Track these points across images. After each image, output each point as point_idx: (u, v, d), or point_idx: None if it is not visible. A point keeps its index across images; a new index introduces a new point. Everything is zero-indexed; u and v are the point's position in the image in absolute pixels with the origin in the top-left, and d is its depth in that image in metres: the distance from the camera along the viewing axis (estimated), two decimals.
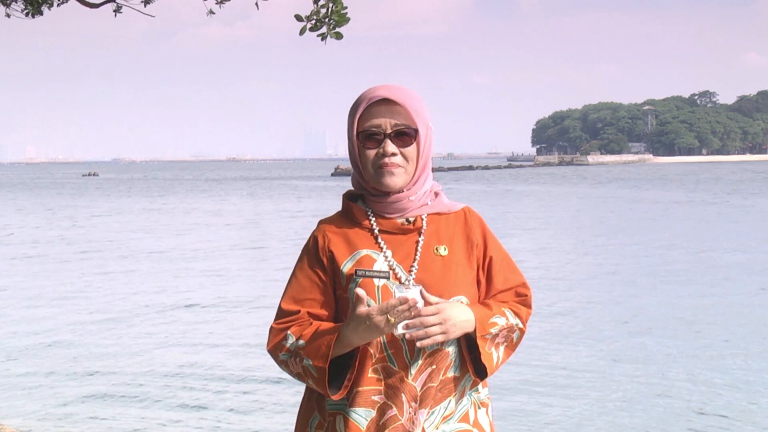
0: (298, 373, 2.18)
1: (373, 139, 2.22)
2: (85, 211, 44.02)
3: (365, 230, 2.25)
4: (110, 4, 6.50)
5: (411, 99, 2.25)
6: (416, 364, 2.16)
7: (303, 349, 2.15)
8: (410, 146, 2.23)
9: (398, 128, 2.22)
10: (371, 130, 2.22)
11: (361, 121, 2.23)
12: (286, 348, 2.18)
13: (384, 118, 2.22)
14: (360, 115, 2.24)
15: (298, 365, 2.16)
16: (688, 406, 8.95)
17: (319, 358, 2.12)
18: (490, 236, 2.33)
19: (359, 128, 2.24)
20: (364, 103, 2.23)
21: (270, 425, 8.47)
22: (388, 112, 2.22)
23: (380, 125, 2.22)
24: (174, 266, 21.06)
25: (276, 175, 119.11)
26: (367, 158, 2.23)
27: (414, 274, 2.20)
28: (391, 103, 2.22)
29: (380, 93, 2.23)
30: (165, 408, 9.04)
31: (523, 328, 2.30)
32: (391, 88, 2.25)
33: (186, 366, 10.80)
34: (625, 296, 15.59)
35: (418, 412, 2.16)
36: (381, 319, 2.03)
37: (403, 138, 2.22)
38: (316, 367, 2.12)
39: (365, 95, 2.25)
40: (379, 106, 2.23)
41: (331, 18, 4.73)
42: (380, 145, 2.22)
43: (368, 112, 2.23)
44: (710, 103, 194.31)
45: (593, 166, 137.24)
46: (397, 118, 2.22)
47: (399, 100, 2.22)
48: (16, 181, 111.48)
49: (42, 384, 10.06)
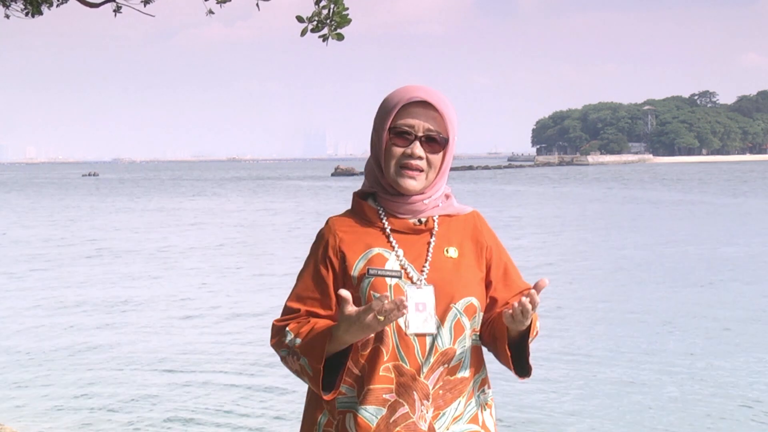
0: (296, 370, 2.20)
1: (404, 138, 2.22)
2: (85, 212, 44.00)
3: (377, 229, 2.25)
4: (110, 4, 6.50)
5: (448, 108, 2.25)
6: (428, 363, 2.17)
7: (299, 347, 2.16)
8: (437, 153, 2.23)
9: (430, 133, 2.22)
10: (404, 129, 2.22)
11: (396, 118, 2.23)
12: (285, 344, 2.20)
13: (419, 120, 2.22)
14: (396, 111, 2.23)
15: (296, 363, 2.18)
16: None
17: (314, 357, 2.13)
18: (498, 241, 2.36)
19: (392, 124, 2.23)
20: (403, 100, 2.22)
21: (270, 426, 8.47)
22: (424, 115, 2.22)
23: (414, 126, 2.22)
24: (173, 266, 21.06)
25: (276, 175, 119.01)
26: (392, 155, 2.22)
27: (426, 274, 2.21)
28: (429, 107, 2.22)
29: (420, 95, 2.22)
30: (165, 407, 9.03)
31: (538, 330, 2.34)
32: (430, 91, 2.24)
33: (186, 365, 10.80)
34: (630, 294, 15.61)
35: (429, 411, 2.16)
36: (371, 318, 2.03)
37: (432, 144, 2.22)
38: (312, 367, 2.14)
39: (404, 93, 2.24)
40: (416, 107, 2.22)
41: (332, 19, 4.73)
42: (409, 145, 2.22)
43: (404, 110, 2.22)
44: (710, 103, 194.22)
45: (593, 166, 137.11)
46: (432, 123, 2.22)
47: (438, 105, 2.23)
48: (14, 180, 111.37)
49: (41, 384, 10.06)
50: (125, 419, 8.66)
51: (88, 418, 8.71)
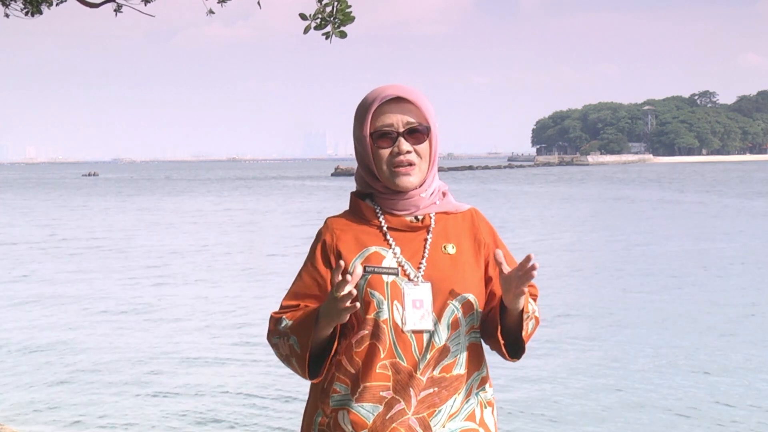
0: (286, 354, 2.21)
1: (387, 138, 2.23)
2: (83, 211, 44.03)
3: (374, 227, 2.26)
4: (110, 4, 6.49)
5: (420, 97, 2.26)
6: (425, 360, 2.16)
7: (290, 327, 2.19)
8: (423, 143, 2.25)
9: (411, 126, 2.23)
10: (384, 129, 2.23)
11: (373, 121, 2.24)
12: (279, 331, 2.22)
13: (396, 115, 2.23)
14: (371, 115, 2.24)
15: (286, 345, 2.20)
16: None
17: (303, 333, 2.15)
18: (498, 238, 2.35)
19: (371, 128, 2.24)
20: (376, 102, 2.24)
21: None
22: (400, 111, 2.23)
23: (393, 124, 2.23)
24: (173, 266, 21.07)
25: (276, 175, 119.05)
26: (381, 158, 2.23)
27: (423, 271, 2.21)
28: (402, 101, 2.24)
29: (391, 92, 2.24)
30: (164, 407, 9.04)
31: (538, 317, 2.32)
32: (399, 87, 2.26)
33: (186, 364, 10.80)
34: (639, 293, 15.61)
35: (425, 408, 2.16)
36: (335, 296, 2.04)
37: (416, 135, 2.24)
38: (300, 343, 2.16)
39: (375, 94, 2.26)
40: (390, 105, 2.23)
41: (335, 17, 4.72)
42: (394, 143, 2.23)
43: (379, 111, 2.24)
44: (710, 103, 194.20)
45: (593, 166, 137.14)
46: (409, 115, 2.23)
47: (410, 97, 2.24)
48: (12, 180, 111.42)
49: (40, 384, 10.06)
50: (125, 419, 8.66)
51: (82, 417, 8.71)
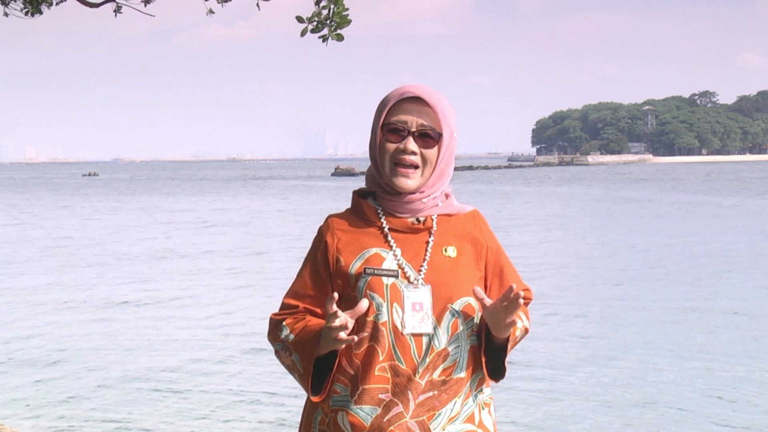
0: (288, 365, 2.23)
1: (397, 134, 2.24)
2: (83, 211, 44.00)
3: (375, 228, 2.26)
4: (110, 4, 6.48)
5: (441, 103, 2.26)
6: (424, 364, 2.16)
7: (292, 343, 2.19)
8: (431, 149, 2.24)
9: (423, 129, 2.23)
10: (396, 125, 2.24)
11: (389, 115, 2.25)
12: (280, 339, 2.23)
13: (411, 116, 2.23)
14: (389, 109, 2.25)
15: (288, 358, 2.21)
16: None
17: (305, 356, 2.16)
18: (497, 242, 2.35)
19: (385, 121, 2.25)
20: (396, 97, 2.25)
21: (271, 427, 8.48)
22: (417, 111, 2.24)
23: (406, 122, 2.23)
24: (172, 266, 21.06)
25: (276, 175, 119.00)
26: (386, 151, 2.24)
27: (423, 274, 2.20)
28: (422, 103, 2.24)
29: (412, 91, 2.25)
30: (163, 407, 9.04)
31: (528, 328, 2.34)
32: (424, 88, 2.26)
33: (185, 365, 10.80)
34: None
35: (424, 411, 2.16)
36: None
37: (425, 139, 2.24)
38: (303, 366, 2.17)
39: (397, 90, 2.27)
40: (409, 104, 2.24)
41: (332, 20, 4.73)
42: (402, 140, 2.23)
43: (397, 107, 2.25)
44: (710, 103, 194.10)
45: (593, 166, 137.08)
46: (425, 118, 2.23)
47: (430, 101, 2.24)
48: (11, 181, 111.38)
49: (40, 384, 10.06)
50: (124, 418, 8.66)
51: (85, 418, 8.71)
